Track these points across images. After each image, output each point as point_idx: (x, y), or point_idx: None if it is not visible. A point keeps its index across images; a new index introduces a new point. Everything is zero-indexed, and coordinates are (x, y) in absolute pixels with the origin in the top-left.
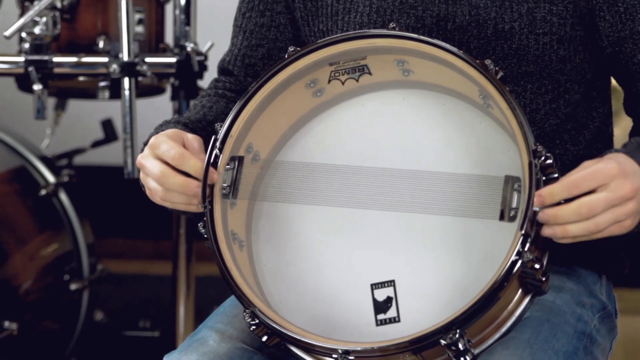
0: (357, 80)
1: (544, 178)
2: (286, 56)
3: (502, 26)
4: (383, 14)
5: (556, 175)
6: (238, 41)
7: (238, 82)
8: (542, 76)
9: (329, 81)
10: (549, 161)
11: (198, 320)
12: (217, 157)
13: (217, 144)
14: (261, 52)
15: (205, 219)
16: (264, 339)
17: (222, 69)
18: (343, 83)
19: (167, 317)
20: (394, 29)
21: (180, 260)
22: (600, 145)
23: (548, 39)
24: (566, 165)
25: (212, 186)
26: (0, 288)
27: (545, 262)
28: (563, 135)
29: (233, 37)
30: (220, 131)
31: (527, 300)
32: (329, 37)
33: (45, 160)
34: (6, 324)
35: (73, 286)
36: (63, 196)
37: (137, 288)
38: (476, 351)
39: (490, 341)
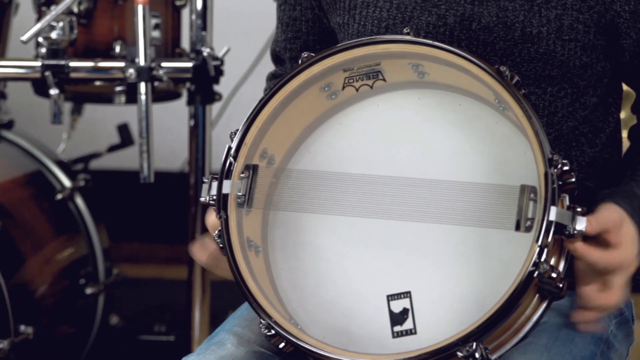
0: (372, 87)
1: (559, 183)
2: (300, 62)
3: (530, 30)
4: (404, 10)
5: (573, 179)
6: (279, 32)
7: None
8: (563, 80)
9: (343, 88)
10: (565, 168)
11: (213, 325)
12: (231, 164)
13: (232, 152)
14: (299, 44)
15: (220, 228)
16: (281, 345)
17: (276, 58)
18: (357, 90)
19: (182, 322)
20: (407, 34)
21: (196, 265)
22: (612, 149)
23: (573, 45)
24: (582, 167)
25: (227, 195)
26: (17, 292)
27: (562, 268)
28: (580, 138)
29: (277, 25)
30: (234, 139)
31: (544, 305)
32: (342, 43)
33: (61, 164)
34: (22, 328)
35: (89, 290)
36: (79, 200)
37: (153, 292)
38: (493, 356)
39: (507, 346)
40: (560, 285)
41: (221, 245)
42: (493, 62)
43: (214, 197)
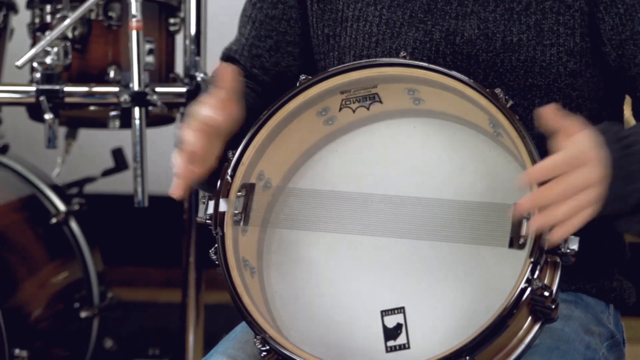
0: (368, 109)
1: None
2: (297, 84)
3: (510, 38)
4: (392, 25)
5: None
6: (246, 31)
7: (245, 70)
8: (552, 90)
9: (340, 109)
10: None
11: (207, 348)
12: (228, 183)
13: (229, 170)
14: (269, 44)
15: (216, 245)
16: None
17: (228, 57)
18: (354, 111)
19: (176, 345)
20: (404, 57)
21: (190, 288)
22: None
23: (555, 50)
24: None
25: (223, 213)
26: (11, 316)
27: (554, 290)
28: None
29: (241, 26)
30: (232, 158)
31: (536, 327)
32: (340, 66)
33: (56, 188)
34: (17, 351)
35: (83, 314)
36: (73, 224)
37: (147, 316)
38: None
39: None
40: (552, 307)
41: (217, 262)
42: (477, 74)
43: (210, 215)
